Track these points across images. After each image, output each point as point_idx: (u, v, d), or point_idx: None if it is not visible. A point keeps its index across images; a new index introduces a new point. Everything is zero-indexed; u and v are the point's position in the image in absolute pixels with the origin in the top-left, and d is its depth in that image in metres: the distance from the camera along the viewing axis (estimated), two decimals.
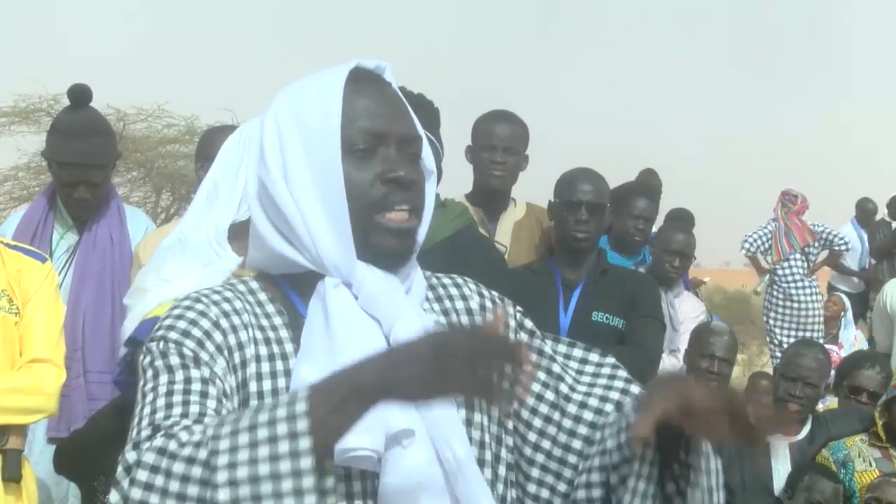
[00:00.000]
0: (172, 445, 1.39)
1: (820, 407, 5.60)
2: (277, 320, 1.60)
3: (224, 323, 1.56)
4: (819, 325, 9.25)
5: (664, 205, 9.30)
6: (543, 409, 1.68)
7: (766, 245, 9.29)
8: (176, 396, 1.49)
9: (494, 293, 1.77)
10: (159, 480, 1.38)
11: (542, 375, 1.69)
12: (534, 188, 4.79)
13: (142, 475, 1.38)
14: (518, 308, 1.77)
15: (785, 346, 8.55)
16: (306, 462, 1.34)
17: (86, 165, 3.88)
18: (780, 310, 9.21)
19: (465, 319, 1.70)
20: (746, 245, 9.44)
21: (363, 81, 1.60)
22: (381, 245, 1.56)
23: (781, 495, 4.30)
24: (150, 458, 1.40)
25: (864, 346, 9.39)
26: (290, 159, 1.57)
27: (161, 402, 1.49)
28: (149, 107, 11.64)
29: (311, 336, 1.54)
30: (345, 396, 1.36)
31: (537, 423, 1.68)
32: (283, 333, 1.59)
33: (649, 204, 5.27)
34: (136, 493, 1.38)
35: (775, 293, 9.23)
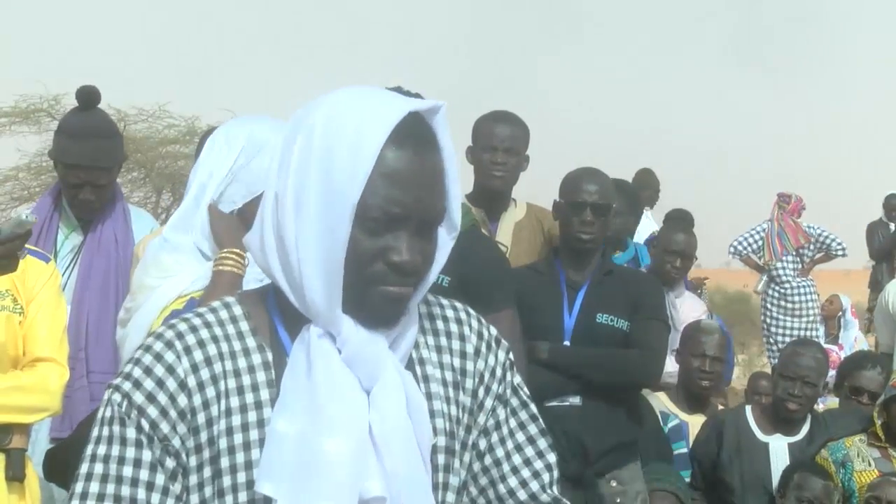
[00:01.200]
0: None
1: (820, 407, 5.61)
2: (256, 359, 1.56)
3: (191, 382, 1.53)
4: (815, 325, 9.26)
5: (664, 205, 9.34)
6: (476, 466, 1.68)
7: (757, 245, 9.30)
8: (124, 488, 1.50)
9: (494, 332, 1.72)
10: None
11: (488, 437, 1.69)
12: (534, 188, 4.80)
13: None
14: (510, 356, 1.73)
15: (782, 345, 8.57)
16: None
17: (91, 167, 3.88)
18: (776, 310, 9.23)
19: (456, 361, 1.67)
20: (731, 249, 9.47)
21: (403, 143, 1.50)
22: (372, 311, 1.52)
23: (775, 494, 4.31)
24: None
25: (865, 344, 9.41)
26: (305, 195, 1.50)
27: (110, 488, 1.50)
28: (149, 107, 11.69)
29: (291, 385, 1.51)
30: None
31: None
32: (261, 377, 1.55)
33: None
34: None
35: (771, 293, 9.25)
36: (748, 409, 4.65)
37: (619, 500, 3.83)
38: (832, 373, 5.46)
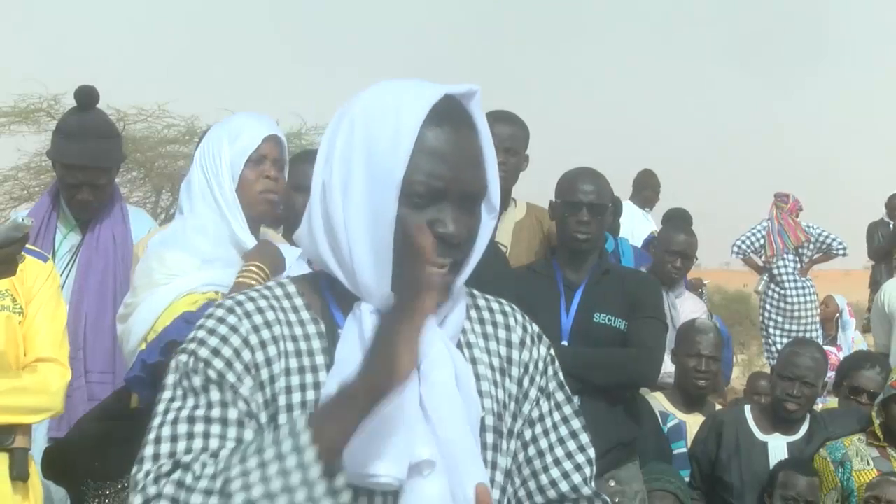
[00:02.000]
0: (189, 479, 1.44)
1: (819, 407, 5.61)
2: (311, 329, 1.61)
3: (254, 339, 1.57)
4: (814, 325, 9.26)
5: (664, 205, 9.36)
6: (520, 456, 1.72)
7: (759, 243, 9.30)
8: (197, 425, 1.51)
9: (537, 328, 1.79)
10: None
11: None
12: (534, 188, 4.80)
13: None
14: (551, 351, 1.78)
15: (780, 346, 8.57)
16: (314, 472, 1.39)
17: (89, 168, 3.88)
18: (775, 310, 9.23)
19: (503, 350, 1.72)
20: (735, 249, 9.47)
21: (441, 122, 1.56)
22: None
23: (763, 494, 4.32)
24: (169, 490, 1.44)
25: (863, 345, 9.40)
26: (351, 179, 1.57)
27: (182, 428, 1.51)
28: (149, 107, 11.68)
29: (345, 352, 1.56)
30: (338, 405, 1.42)
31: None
32: (316, 344, 1.60)
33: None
34: None
35: (770, 293, 9.24)
36: (747, 408, 4.66)
37: (617, 500, 3.82)
38: (831, 374, 5.47)
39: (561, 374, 1.78)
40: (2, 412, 3.09)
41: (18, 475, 3.13)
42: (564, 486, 1.71)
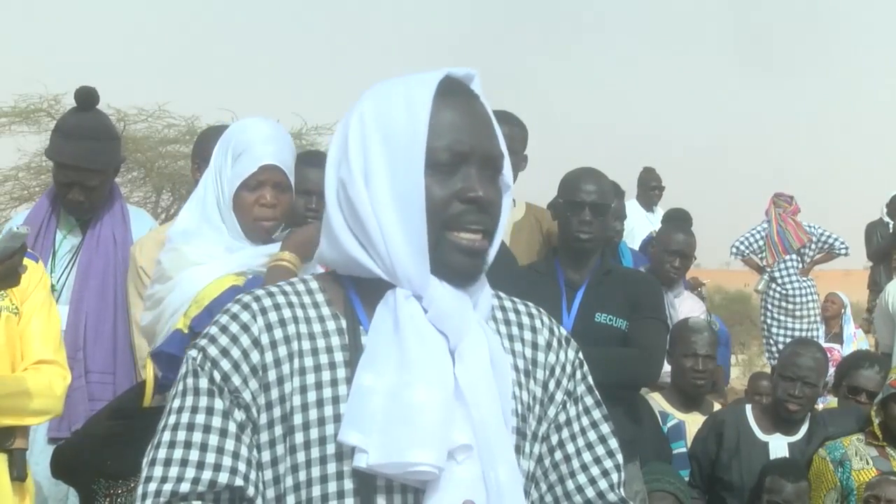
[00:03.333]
0: None
1: (819, 406, 5.61)
2: (331, 325, 1.61)
3: (265, 339, 1.58)
4: (816, 325, 9.26)
5: (665, 205, 9.35)
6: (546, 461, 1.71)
7: (758, 245, 9.29)
8: (195, 434, 1.54)
9: (564, 332, 1.77)
10: None
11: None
12: (533, 188, 4.80)
13: None
14: (579, 355, 1.77)
15: (781, 345, 8.57)
16: None
17: (81, 168, 3.86)
18: (777, 310, 9.22)
19: (528, 351, 1.71)
20: (733, 250, 9.47)
21: (452, 95, 1.60)
22: (451, 262, 1.57)
23: (752, 496, 4.32)
24: None
25: (865, 343, 9.41)
26: (372, 165, 1.57)
27: (181, 436, 1.54)
28: (149, 107, 11.66)
29: (377, 343, 1.55)
30: None
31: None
32: (335, 341, 1.60)
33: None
34: None
35: (772, 293, 9.24)
36: (748, 408, 4.66)
37: None
38: (832, 371, 5.47)
39: (590, 378, 1.76)
40: (7, 414, 3.09)
41: (18, 476, 3.14)
42: (591, 493, 1.69)
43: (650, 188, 9.66)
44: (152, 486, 1.53)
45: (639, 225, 8.76)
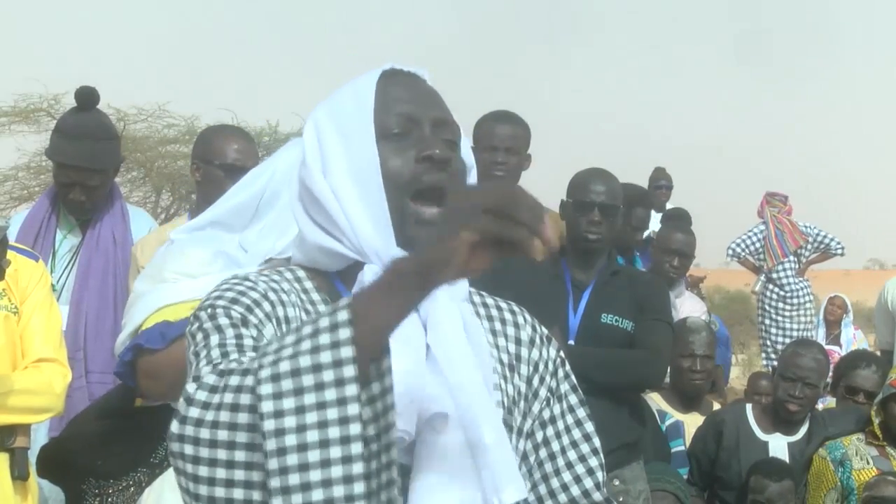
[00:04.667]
0: (233, 364, 1.40)
1: (819, 407, 5.61)
2: (322, 308, 1.60)
3: (272, 296, 1.57)
4: (812, 325, 9.26)
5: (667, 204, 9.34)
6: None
7: (756, 248, 9.28)
8: (230, 349, 1.48)
9: (545, 331, 1.77)
10: (210, 415, 1.36)
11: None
12: (536, 188, 4.79)
13: (194, 412, 1.37)
14: (560, 354, 1.77)
15: (779, 346, 8.57)
16: (347, 351, 1.30)
17: (82, 168, 3.87)
18: (774, 311, 9.22)
19: (511, 347, 1.71)
20: (730, 252, 9.46)
21: (397, 76, 1.65)
22: (414, 235, 1.56)
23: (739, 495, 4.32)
24: (203, 394, 1.37)
25: (865, 345, 9.41)
26: (327, 152, 1.60)
27: (216, 353, 1.48)
28: (149, 107, 11.67)
29: None
30: (386, 285, 1.35)
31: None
32: None
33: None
34: (190, 430, 1.36)
35: (769, 294, 9.24)
36: (748, 407, 4.66)
37: (621, 499, 3.82)
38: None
39: (573, 377, 1.76)
40: (8, 412, 3.09)
41: (20, 474, 3.14)
42: (575, 491, 1.69)
43: (655, 187, 9.64)
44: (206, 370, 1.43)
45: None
